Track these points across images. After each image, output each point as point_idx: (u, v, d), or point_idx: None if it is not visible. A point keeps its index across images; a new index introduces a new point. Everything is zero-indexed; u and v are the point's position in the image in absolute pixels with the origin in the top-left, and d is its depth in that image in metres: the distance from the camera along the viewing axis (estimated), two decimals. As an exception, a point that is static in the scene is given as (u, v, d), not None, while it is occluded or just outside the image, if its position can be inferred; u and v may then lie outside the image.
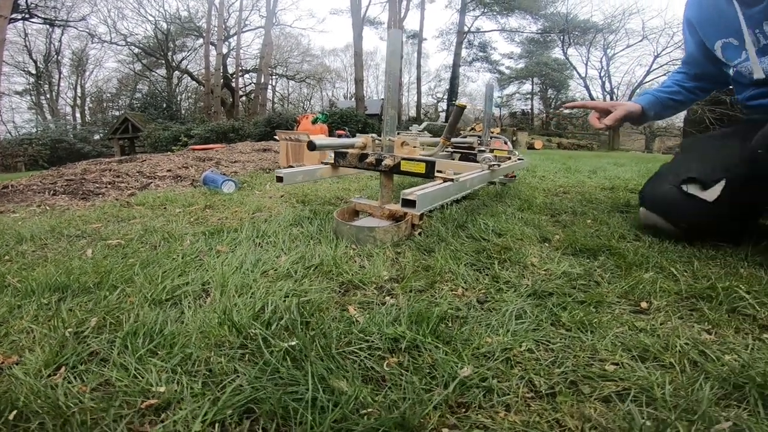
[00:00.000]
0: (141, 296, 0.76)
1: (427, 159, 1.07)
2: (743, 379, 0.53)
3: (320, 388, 0.48)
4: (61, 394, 0.49)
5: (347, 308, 0.73)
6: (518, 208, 1.56)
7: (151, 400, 0.48)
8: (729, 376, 0.53)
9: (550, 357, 0.59)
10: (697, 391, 0.50)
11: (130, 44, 24.58)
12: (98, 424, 0.45)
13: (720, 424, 0.45)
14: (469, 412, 0.48)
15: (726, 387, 0.52)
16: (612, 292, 0.81)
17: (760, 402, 0.49)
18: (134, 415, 0.47)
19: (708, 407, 0.47)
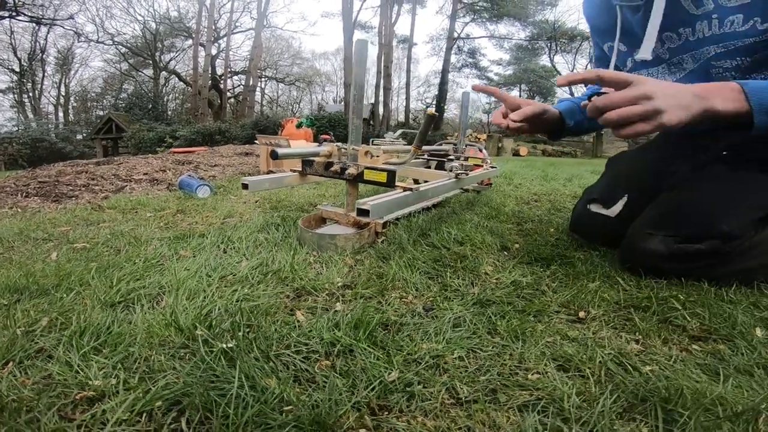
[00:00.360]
0: (95, 298, 0.79)
1: (389, 168, 1.12)
2: (649, 392, 0.55)
3: (247, 385, 0.51)
4: (3, 386, 0.53)
5: (295, 313, 0.77)
6: (486, 216, 1.62)
7: (86, 392, 0.52)
8: (636, 388, 0.56)
9: (477, 365, 0.63)
10: (600, 403, 0.53)
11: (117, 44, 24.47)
12: (31, 411, 0.49)
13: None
14: (389, 416, 0.51)
15: (631, 399, 0.54)
16: (555, 302, 0.85)
17: (661, 416, 0.51)
18: (67, 404, 0.50)
19: (607, 420, 0.50)
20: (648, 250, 0.97)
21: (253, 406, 0.48)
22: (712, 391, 0.55)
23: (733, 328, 0.74)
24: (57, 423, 0.47)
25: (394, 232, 1.26)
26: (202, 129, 12.05)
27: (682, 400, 0.53)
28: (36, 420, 0.48)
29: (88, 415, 0.48)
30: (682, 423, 0.50)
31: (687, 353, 0.68)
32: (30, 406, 0.50)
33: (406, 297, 0.87)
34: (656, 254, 0.96)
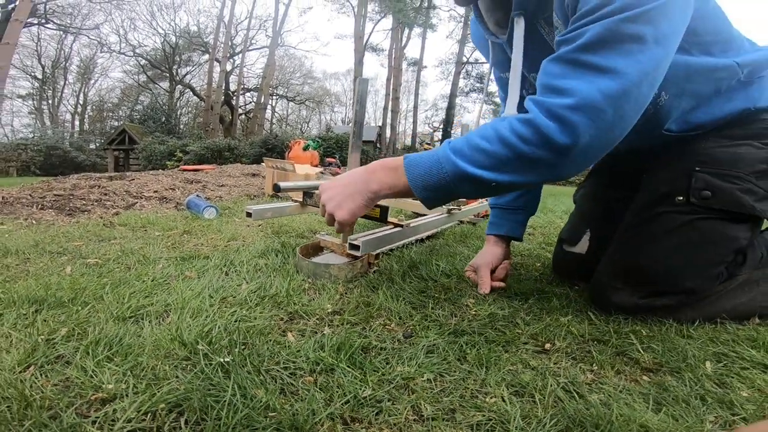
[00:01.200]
0: (108, 313, 0.89)
1: (382, 205, 1.23)
2: (585, 417, 0.63)
3: (239, 394, 0.61)
4: (27, 386, 0.63)
5: (287, 334, 0.86)
6: (476, 250, 1.70)
7: (100, 394, 0.61)
8: (575, 413, 0.64)
9: (442, 387, 0.71)
10: (540, 425, 0.61)
11: (138, 55, 25.28)
12: (53, 408, 0.58)
13: None
14: (359, 426, 0.60)
15: (569, 423, 0.62)
16: (525, 333, 0.93)
17: None
18: (84, 404, 0.60)
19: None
20: (617, 302, 1.04)
21: (242, 411, 0.58)
22: (639, 417, 0.63)
23: (683, 361, 0.82)
24: (75, 419, 0.57)
25: (387, 263, 1.35)
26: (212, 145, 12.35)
27: (610, 426, 0.61)
28: (57, 416, 0.57)
29: (101, 413, 0.58)
30: None
31: (635, 383, 0.76)
32: (51, 404, 0.60)
33: (389, 324, 0.96)
34: (625, 307, 1.03)
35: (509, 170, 0.78)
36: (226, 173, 4.40)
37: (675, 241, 0.99)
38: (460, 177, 0.80)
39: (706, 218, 0.95)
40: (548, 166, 0.76)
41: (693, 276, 0.98)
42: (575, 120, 0.70)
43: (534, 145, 0.74)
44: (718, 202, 0.94)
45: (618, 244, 1.10)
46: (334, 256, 1.34)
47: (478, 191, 0.88)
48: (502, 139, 0.76)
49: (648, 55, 0.69)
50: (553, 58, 0.76)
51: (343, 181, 0.96)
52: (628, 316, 1.03)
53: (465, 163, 0.80)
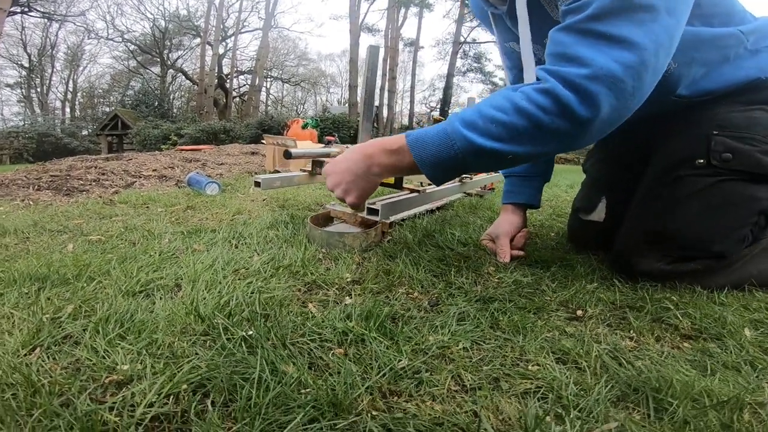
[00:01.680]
0: (116, 288, 0.82)
1: (390, 177, 1.15)
2: (641, 383, 0.58)
3: (268, 370, 0.55)
4: (34, 370, 0.55)
5: (307, 305, 0.80)
6: (488, 220, 1.65)
7: (115, 376, 0.55)
8: (630, 379, 0.59)
9: (481, 355, 0.66)
10: (597, 392, 0.56)
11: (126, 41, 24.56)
12: (64, 394, 0.51)
13: (607, 424, 0.50)
14: (400, 399, 0.54)
15: (624, 389, 0.57)
16: (554, 300, 0.89)
17: (652, 405, 0.54)
18: (98, 388, 0.53)
19: (602, 407, 0.53)
20: (642, 269, 0.99)
21: (274, 389, 0.51)
22: (700, 383, 0.58)
23: (723, 327, 0.77)
24: (90, 405, 0.50)
25: (400, 233, 1.29)
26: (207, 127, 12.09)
27: (672, 390, 0.56)
28: (70, 403, 0.50)
29: (119, 398, 0.51)
30: (671, 411, 0.53)
31: (678, 350, 0.71)
32: (62, 390, 0.53)
33: (412, 293, 0.90)
34: (651, 273, 0.99)
35: (527, 141, 0.75)
36: (225, 152, 4.29)
37: (699, 204, 0.95)
38: (474, 151, 0.77)
39: (728, 180, 0.93)
40: (567, 136, 0.74)
41: (720, 239, 0.95)
42: (595, 91, 0.68)
43: (554, 114, 0.71)
44: (739, 163, 0.92)
45: (639, 209, 1.06)
46: (346, 226, 1.27)
47: (491, 164, 0.84)
48: (520, 109, 0.73)
49: (661, 25, 0.67)
50: (562, 28, 0.73)
51: (344, 167, 0.91)
52: (654, 283, 0.98)
53: (478, 136, 0.75)
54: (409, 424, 0.48)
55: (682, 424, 0.51)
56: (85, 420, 0.47)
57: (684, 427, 0.50)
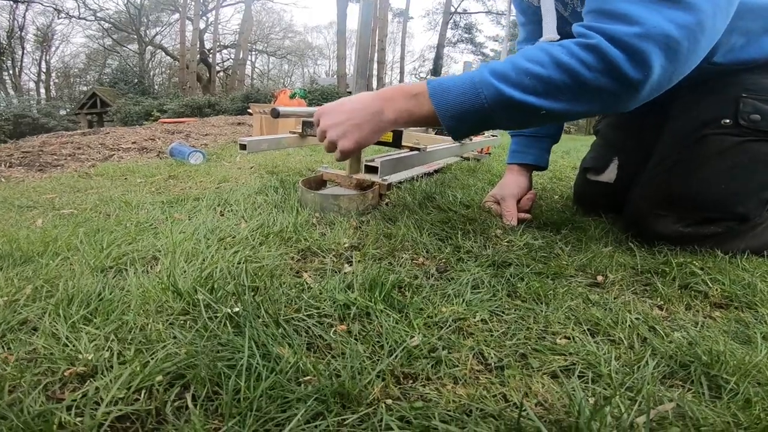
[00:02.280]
0: (84, 264, 0.71)
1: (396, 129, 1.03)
2: (690, 358, 0.51)
3: (258, 354, 0.45)
4: None
5: (302, 274, 0.70)
6: (489, 183, 1.55)
7: (76, 368, 0.44)
8: (675, 353, 0.52)
9: (502, 328, 0.57)
10: (642, 369, 0.49)
11: (99, 19, 23.25)
12: (14, 391, 0.41)
13: (663, 405, 0.43)
14: (416, 384, 0.45)
15: (672, 365, 0.51)
16: (570, 265, 0.80)
17: (705, 383, 0.47)
18: (55, 383, 0.43)
19: (652, 386, 0.46)
20: (660, 231, 0.92)
21: (266, 378, 0.41)
22: (752, 358, 0.50)
23: (754, 295, 0.70)
24: (43, 404, 0.40)
25: (398, 195, 1.18)
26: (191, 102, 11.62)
27: (725, 366, 0.49)
28: (19, 401, 0.40)
29: (78, 394, 0.41)
30: (729, 389, 0.46)
31: (711, 320, 0.64)
32: (12, 385, 0.43)
33: (417, 258, 0.81)
34: (668, 235, 0.91)
35: (564, 98, 0.67)
36: (210, 123, 4.08)
37: (724, 163, 0.88)
38: (503, 103, 0.69)
39: (755, 141, 0.87)
40: (612, 96, 0.67)
41: (744, 200, 0.88)
42: (646, 50, 0.61)
43: (598, 72, 0.64)
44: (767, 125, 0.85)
45: (659, 169, 0.97)
46: (341, 189, 1.16)
47: (520, 120, 0.76)
48: (560, 63, 0.65)
49: None
50: None
51: (350, 107, 0.81)
52: (671, 246, 0.90)
53: (510, 87, 0.67)
54: (432, 416, 0.39)
55: (745, 403, 0.44)
56: (36, 423, 0.37)
57: (748, 406, 0.43)
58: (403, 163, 1.04)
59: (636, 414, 0.41)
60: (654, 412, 0.42)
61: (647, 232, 0.94)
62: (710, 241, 0.90)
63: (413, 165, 1.16)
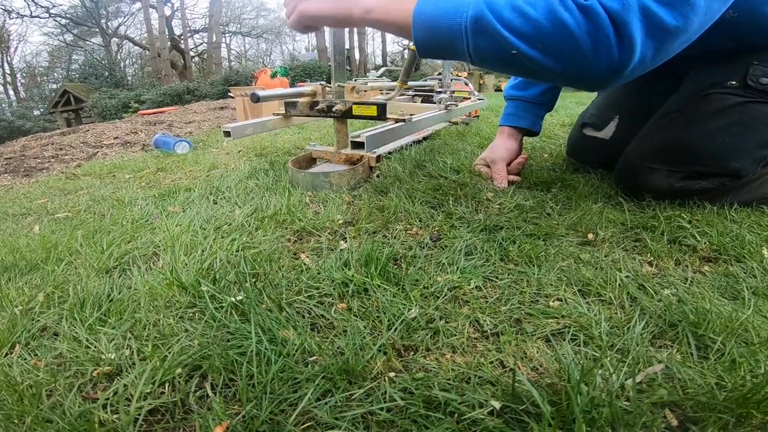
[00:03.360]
0: (88, 266, 0.73)
1: (378, 102, 1.04)
2: (678, 317, 0.52)
3: (265, 339, 0.48)
4: (17, 372, 0.48)
5: (299, 256, 0.72)
6: (478, 146, 1.56)
7: (102, 368, 0.47)
8: (664, 313, 0.53)
9: (496, 294, 0.60)
10: (632, 329, 0.50)
11: (54, 15, 22.12)
12: (51, 395, 0.44)
13: (652, 366, 0.45)
14: (417, 355, 0.48)
15: (660, 325, 0.52)
16: (561, 224, 0.82)
17: (693, 342, 0.48)
18: (86, 383, 0.46)
19: (641, 347, 0.47)
20: (651, 184, 0.92)
21: (276, 362, 0.44)
22: (739, 316, 0.51)
23: (742, 248, 0.71)
24: (81, 405, 0.43)
25: (388, 166, 1.20)
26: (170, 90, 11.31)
27: (711, 325, 0.50)
28: (59, 404, 0.43)
29: (110, 392, 0.44)
30: (716, 349, 0.47)
31: (701, 275, 0.65)
32: (49, 389, 0.45)
33: (411, 228, 0.83)
34: (659, 189, 0.92)
35: (541, 47, 0.63)
36: (192, 110, 4.01)
37: (724, 120, 0.88)
38: (480, 28, 0.64)
39: (759, 102, 0.87)
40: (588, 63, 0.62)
41: (740, 156, 0.87)
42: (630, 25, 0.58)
43: (585, 33, 0.60)
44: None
45: (656, 124, 0.97)
46: (331, 165, 1.17)
47: (488, 54, 0.68)
48: (552, 11, 0.61)
49: None
50: None
51: None
52: (660, 200, 0.92)
53: (493, 15, 0.63)
54: (433, 385, 0.42)
55: (732, 363, 0.45)
56: (79, 423, 0.40)
57: (734, 367, 0.44)
58: (389, 135, 1.04)
59: (626, 376, 0.43)
60: (643, 374, 0.43)
61: (638, 185, 0.95)
62: (701, 196, 0.90)
63: (399, 137, 1.16)
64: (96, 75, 19.38)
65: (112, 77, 19.76)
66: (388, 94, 1.46)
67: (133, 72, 25.73)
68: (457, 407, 0.39)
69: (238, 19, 26.77)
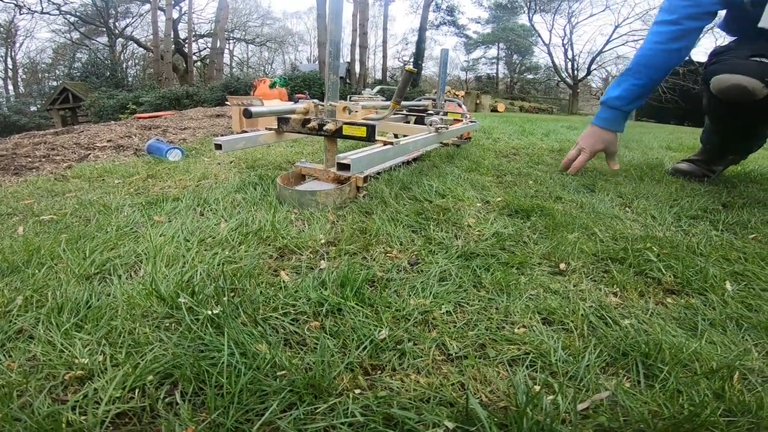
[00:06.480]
0: (69, 272, 0.75)
1: (368, 123, 1.08)
2: (629, 346, 0.55)
3: (237, 352, 0.50)
4: None
5: (279, 273, 0.75)
6: (466, 169, 1.60)
7: (74, 372, 0.49)
8: (618, 342, 0.56)
9: (465, 319, 0.62)
10: (587, 357, 0.53)
11: (64, 13, 22.27)
12: (22, 395, 0.46)
13: (599, 393, 0.47)
14: (383, 375, 0.50)
15: (613, 354, 0.55)
16: (536, 253, 0.86)
17: (642, 371, 0.51)
18: (57, 386, 0.48)
19: (592, 375, 0.50)
20: None
21: (245, 374, 0.47)
22: (689, 346, 0.55)
23: (705, 281, 0.75)
24: (51, 406, 0.45)
25: (376, 187, 1.23)
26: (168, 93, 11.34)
27: (661, 355, 0.53)
28: (29, 405, 0.45)
29: (80, 395, 0.46)
30: (662, 378, 0.50)
31: (662, 306, 0.69)
32: (20, 390, 0.47)
33: (390, 252, 0.86)
34: None
35: None
36: (188, 116, 4.04)
37: None
38: None
39: None
40: None
41: None
42: None
43: None
44: None
45: None
46: (319, 183, 1.20)
47: None
48: None
49: None
50: None
51: None
52: None
53: None
54: (392, 403, 0.45)
55: (674, 392, 0.48)
56: (47, 423, 0.42)
57: (676, 395, 0.48)
58: (375, 158, 1.08)
59: (572, 402, 0.46)
60: (589, 401, 0.46)
61: None
62: None
63: (387, 159, 1.20)
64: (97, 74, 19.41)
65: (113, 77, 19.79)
66: (380, 113, 1.50)
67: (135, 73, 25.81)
68: (414, 426, 0.42)
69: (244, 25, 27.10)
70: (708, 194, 1.39)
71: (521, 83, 23.26)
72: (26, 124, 15.55)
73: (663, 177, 1.64)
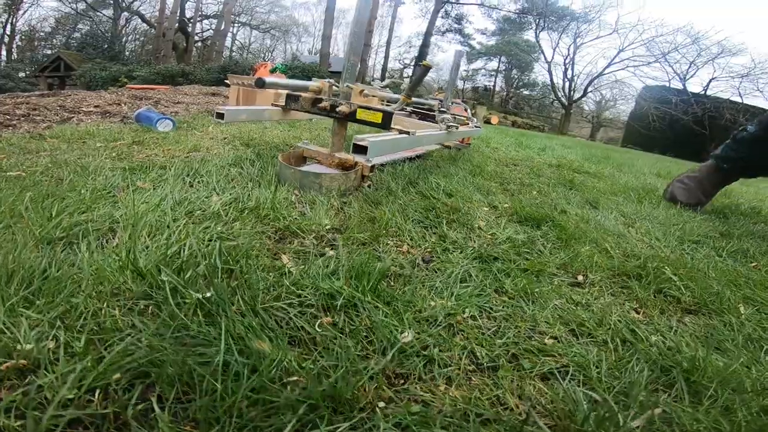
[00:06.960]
0: (28, 233, 0.61)
1: (385, 109, 0.97)
2: (671, 363, 0.51)
3: (236, 349, 0.38)
4: None
5: (280, 257, 0.63)
6: (470, 173, 1.51)
7: (15, 361, 0.36)
8: (658, 358, 0.51)
9: (492, 326, 0.54)
10: (630, 372, 0.48)
11: None
12: None
13: (649, 410, 0.42)
14: (408, 384, 0.41)
15: (655, 370, 0.50)
16: (552, 262, 0.79)
17: (686, 388, 0.47)
18: None
19: (640, 391, 0.44)
20: None
21: (248, 378, 0.35)
22: (729, 365, 0.51)
23: (721, 303, 0.72)
24: None
25: (380, 178, 1.12)
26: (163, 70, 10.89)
27: (704, 374, 0.49)
28: None
29: (18, 394, 0.33)
30: (709, 395, 0.46)
31: (683, 325, 0.65)
32: None
33: (401, 246, 0.76)
34: None
35: None
36: (182, 92, 3.83)
37: None
38: None
39: None
40: None
41: None
42: None
43: None
44: None
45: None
46: (321, 167, 1.08)
47: None
48: None
49: None
50: None
51: None
52: None
53: None
54: (431, 422, 0.34)
55: (724, 410, 0.44)
56: None
57: (727, 413, 0.43)
58: (391, 145, 0.97)
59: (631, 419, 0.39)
60: (645, 417, 0.40)
61: None
62: None
63: (401, 148, 1.09)
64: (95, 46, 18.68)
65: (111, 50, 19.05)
66: (389, 105, 1.40)
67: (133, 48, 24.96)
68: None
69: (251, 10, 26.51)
70: (705, 221, 1.36)
71: (516, 98, 23.36)
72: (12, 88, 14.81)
73: (660, 201, 1.60)
